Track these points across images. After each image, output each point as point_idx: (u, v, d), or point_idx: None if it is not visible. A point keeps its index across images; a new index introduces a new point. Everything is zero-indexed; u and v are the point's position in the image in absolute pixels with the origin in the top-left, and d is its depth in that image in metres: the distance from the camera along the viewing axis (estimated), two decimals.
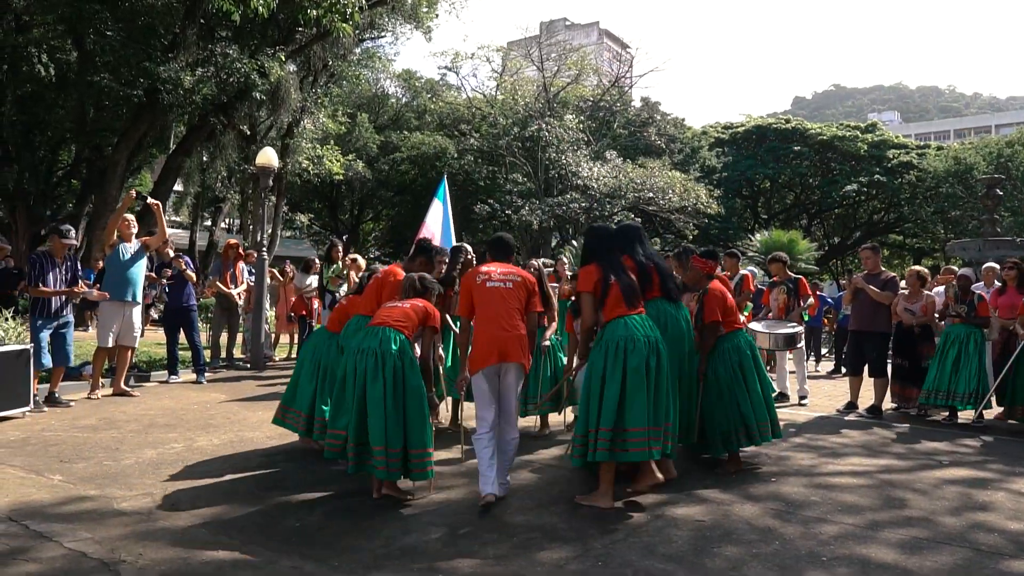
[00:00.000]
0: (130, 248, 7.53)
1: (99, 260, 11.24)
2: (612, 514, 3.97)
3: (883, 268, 7.84)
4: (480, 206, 24.76)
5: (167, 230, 8.43)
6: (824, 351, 14.10)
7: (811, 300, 8.76)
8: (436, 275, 5.76)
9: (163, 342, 9.25)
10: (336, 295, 9.27)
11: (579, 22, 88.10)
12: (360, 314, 4.98)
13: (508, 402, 4.18)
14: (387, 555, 3.35)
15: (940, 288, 8.33)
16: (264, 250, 10.69)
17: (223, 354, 10.20)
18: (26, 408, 6.20)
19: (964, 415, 7.14)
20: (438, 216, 9.24)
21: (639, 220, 21.26)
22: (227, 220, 32.23)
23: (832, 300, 13.99)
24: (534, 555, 3.38)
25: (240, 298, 10.16)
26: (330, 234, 29.97)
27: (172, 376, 8.61)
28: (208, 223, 29.50)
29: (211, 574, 3.10)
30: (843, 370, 10.71)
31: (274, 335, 11.56)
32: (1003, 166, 28.74)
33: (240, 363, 10.25)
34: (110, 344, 7.38)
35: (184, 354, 9.03)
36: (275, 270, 11.67)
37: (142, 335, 8.45)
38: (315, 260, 11.46)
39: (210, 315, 11.16)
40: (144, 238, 7.94)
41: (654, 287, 4.45)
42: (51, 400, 6.74)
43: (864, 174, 32.77)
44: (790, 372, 8.57)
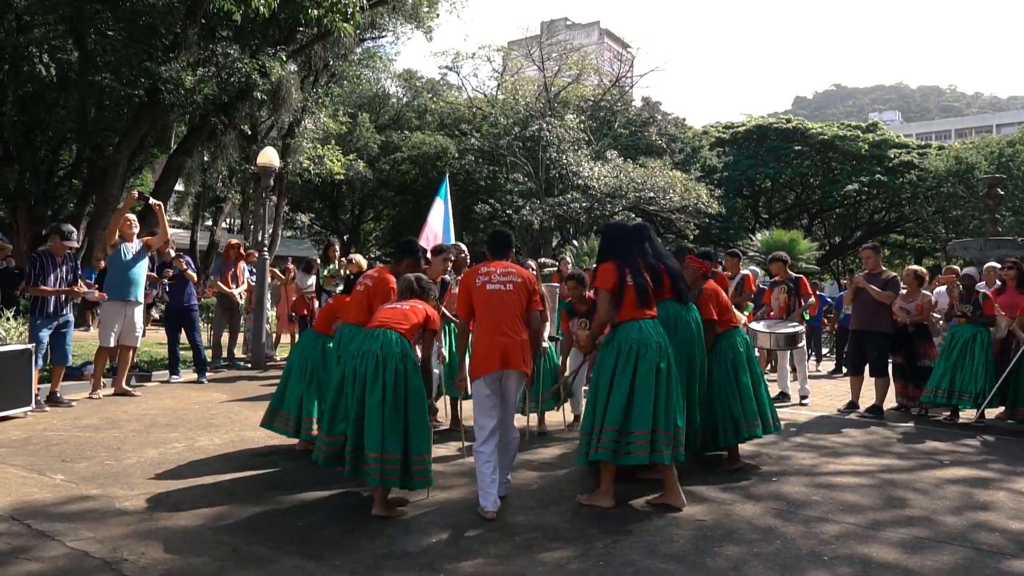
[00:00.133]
0: (132, 248, 7.54)
1: (101, 260, 11.25)
2: (613, 514, 3.97)
3: (884, 268, 7.84)
4: (481, 206, 24.78)
5: (168, 230, 8.44)
6: (825, 351, 14.10)
7: (812, 299, 8.76)
8: (436, 275, 5.77)
9: (164, 342, 9.27)
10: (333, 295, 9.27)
11: (580, 22, 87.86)
12: (350, 322, 4.84)
13: (508, 406, 4.18)
14: (389, 555, 3.35)
15: (941, 288, 8.32)
16: (265, 250, 10.71)
17: (224, 354, 10.22)
18: (28, 408, 6.22)
19: (965, 415, 7.14)
20: (440, 215, 9.27)
21: (639, 220, 21.23)
22: (228, 220, 32.30)
23: (832, 300, 13.99)
24: (536, 555, 3.38)
25: (241, 298, 10.17)
26: (330, 234, 29.99)
27: (173, 376, 8.63)
28: (209, 223, 29.52)
29: (213, 573, 3.10)
30: (844, 370, 10.71)
31: (275, 335, 11.57)
32: (1004, 166, 28.74)
33: (241, 363, 10.27)
34: (112, 344, 7.39)
35: (185, 354, 9.05)
36: (277, 270, 11.68)
37: (143, 335, 8.47)
38: (316, 260, 11.46)
39: (211, 315, 11.17)
40: (146, 238, 7.95)
41: (665, 288, 4.42)
42: (53, 400, 6.76)
43: (865, 174, 32.75)
44: (790, 371, 8.58)
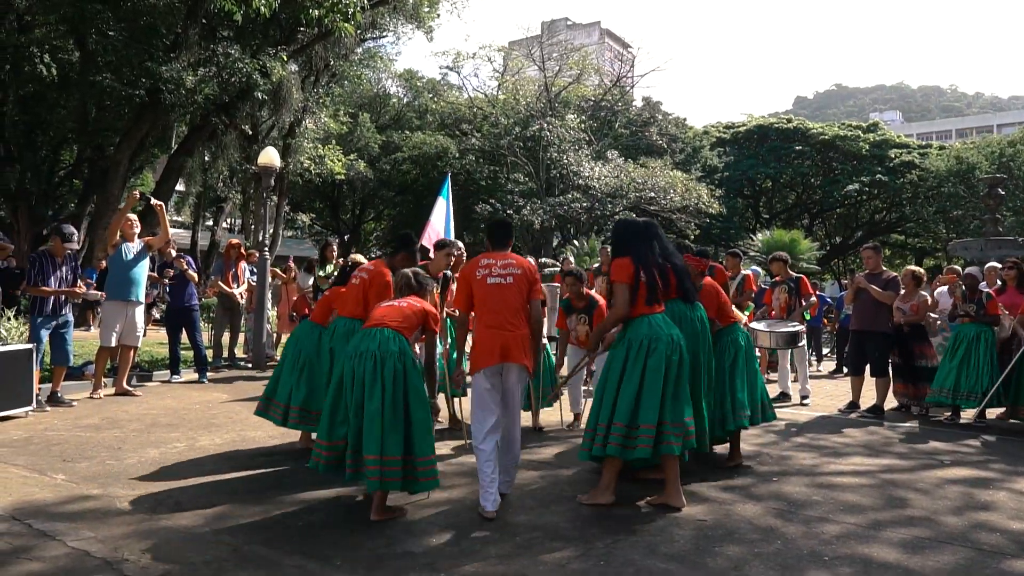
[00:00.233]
0: (133, 248, 7.54)
1: (102, 260, 11.26)
2: (614, 513, 3.97)
3: (884, 268, 7.84)
4: (482, 206, 24.79)
5: (169, 230, 8.44)
6: (826, 351, 14.10)
7: (813, 299, 8.76)
8: (438, 270, 5.77)
9: (165, 342, 9.27)
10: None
11: (580, 22, 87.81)
12: (345, 316, 4.85)
13: (509, 404, 4.16)
14: (389, 554, 3.35)
15: (942, 288, 8.32)
16: (266, 250, 10.71)
17: (225, 354, 10.22)
18: (29, 408, 6.22)
19: (966, 415, 7.14)
20: (442, 214, 9.28)
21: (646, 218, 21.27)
22: (229, 220, 32.33)
23: (832, 300, 13.99)
24: (536, 554, 3.38)
25: (242, 298, 10.17)
26: (331, 234, 30.01)
27: (174, 376, 8.64)
28: (210, 223, 29.55)
29: (214, 573, 3.10)
30: (844, 370, 10.71)
31: (276, 335, 11.57)
32: (1005, 166, 28.72)
33: (242, 363, 10.27)
34: (113, 344, 7.39)
35: (186, 354, 9.05)
36: (278, 269, 11.68)
37: (144, 335, 8.47)
38: (317, 260, 11.46)
39: (212, 315, 11.16)
40: (147, 238, 7.96)
41: (671, 288, 4.42)
42: (53, 400, 6.76)
43: (866, 174, 32.72)
44: (791, 372, 8.57)
